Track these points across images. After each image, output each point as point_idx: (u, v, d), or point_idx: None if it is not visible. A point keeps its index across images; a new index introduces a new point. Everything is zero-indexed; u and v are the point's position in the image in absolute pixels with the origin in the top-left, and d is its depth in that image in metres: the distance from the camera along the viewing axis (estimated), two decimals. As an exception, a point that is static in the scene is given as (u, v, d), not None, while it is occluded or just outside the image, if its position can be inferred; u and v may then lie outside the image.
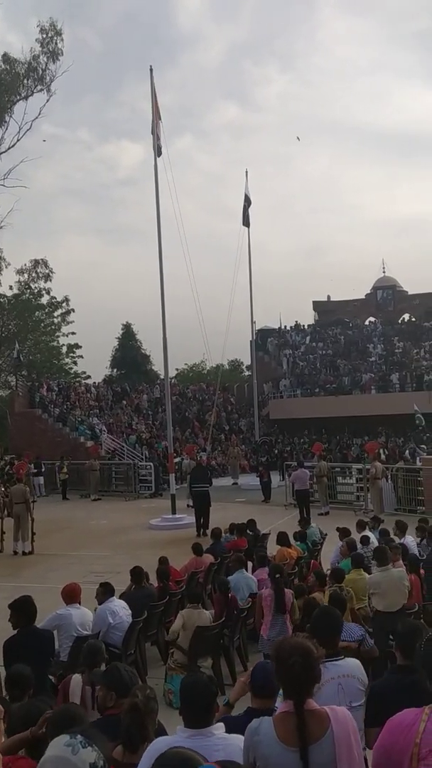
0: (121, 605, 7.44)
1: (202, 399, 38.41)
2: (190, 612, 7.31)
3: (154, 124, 19.10)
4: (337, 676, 3.60)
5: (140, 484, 25.02)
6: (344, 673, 3.63)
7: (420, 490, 18.27)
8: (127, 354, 48.15)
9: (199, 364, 58.77)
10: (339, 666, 3.65)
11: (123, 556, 13.54)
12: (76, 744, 2.08)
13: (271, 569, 7.37)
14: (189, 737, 2.91)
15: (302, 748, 2.49)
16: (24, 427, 29.44)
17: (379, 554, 7.56)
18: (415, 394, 32.42)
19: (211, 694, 2.96)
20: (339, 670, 3.62)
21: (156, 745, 2.88)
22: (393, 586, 7.05)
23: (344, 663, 3.69)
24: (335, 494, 20.78)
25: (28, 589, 8.76)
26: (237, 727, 3.12)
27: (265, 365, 40.29)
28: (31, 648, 5.31)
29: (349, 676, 3.64)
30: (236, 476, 27.52)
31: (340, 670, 3.62)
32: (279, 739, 2.53)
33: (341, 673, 3.62)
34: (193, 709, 2.92)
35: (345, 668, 3.66)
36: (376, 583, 7.15)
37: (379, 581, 7.12)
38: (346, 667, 3.67)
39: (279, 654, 2.64)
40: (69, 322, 46.28)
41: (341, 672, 3.62)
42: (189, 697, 2.96)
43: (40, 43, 35.61)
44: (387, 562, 7.26)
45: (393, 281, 46.25)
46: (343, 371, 38.06)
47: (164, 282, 19.04)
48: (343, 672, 3.63)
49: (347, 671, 3.65)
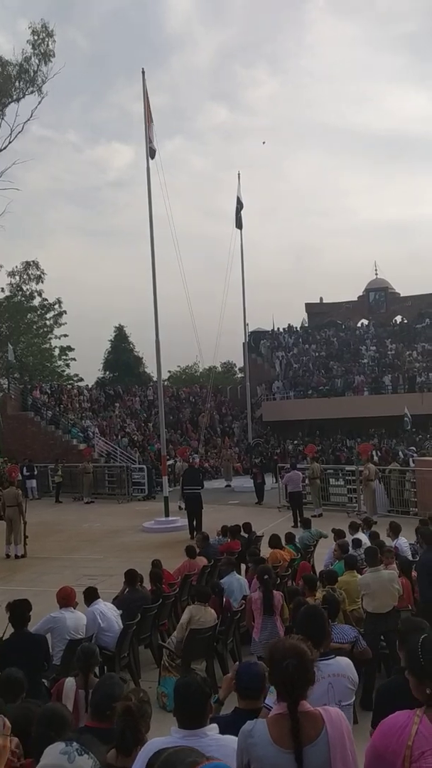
0: (109, 607, 7.44)
1: (195, 401, 38.41)
2: (198, 608, 7.31)
3: (147, 127, 19.09)
4: (328, 675, 3.60)
5: (133, 486, 25.00)
6: (335, 672, 3.64)
7: (413, 491, 18.32)
8: (120, 356, 48.14)
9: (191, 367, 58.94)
10: (330, 665, 3.65)
11: (116, 559, 13.52)
12: (72, 752, 2.08)
13: (259, 571, 7.36)
14: (182, 738, 2.91)
15: (297, 750, 2.49)
16: (16, 430, 29.35)
17: (369, 555, 7.56)
18: (407, 396, 32.54)
19: (205, 695, 2.95)
20: (329, 669, 3.63)
21: (149, 746, 2.88)
22: (382, 588, 7.05)
23: (335, 662, 3.69)
24: (328, 496, 20.81)
25: (20, 592, 8.76)
26: (224, 727, 3.13)
27: (258, 367, 40.36)
28: (22, 652, 5.30)
29: (339, 675, 3.64)
30: (229, 478, 27.52)
31: (330, 669, 3.63)
32: (273, 742, 2.53)
33: (332, 672, 3.62)
34: (186, 710, 2.92)
35: (336, 667, 3.66)
36: (366, 584, 7.15)
37: (369, 582, 7.13)
38: (337, 666, 3.68)
39: (273, 656, 2.64)
40: (61, 324, 46.26)
41: (332, 671, 3.63)
42: (183, 698, 2.95)
43: (32, 45, 35.54)
44: (377, 563, 7.27)
45: (385, 283, 46.43)
46: (335, 373, 38.15)
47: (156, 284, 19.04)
48: (334, 671, 3.63)
49: (337, 670, 3.66)
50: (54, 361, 48.92)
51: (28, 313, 44.80)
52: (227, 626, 7.87)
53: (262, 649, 6.22)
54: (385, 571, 7.26)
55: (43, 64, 35.82)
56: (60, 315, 45.66)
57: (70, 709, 4.49)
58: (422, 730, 2.36)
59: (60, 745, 2.06)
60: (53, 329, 46.45)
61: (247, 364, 36.00)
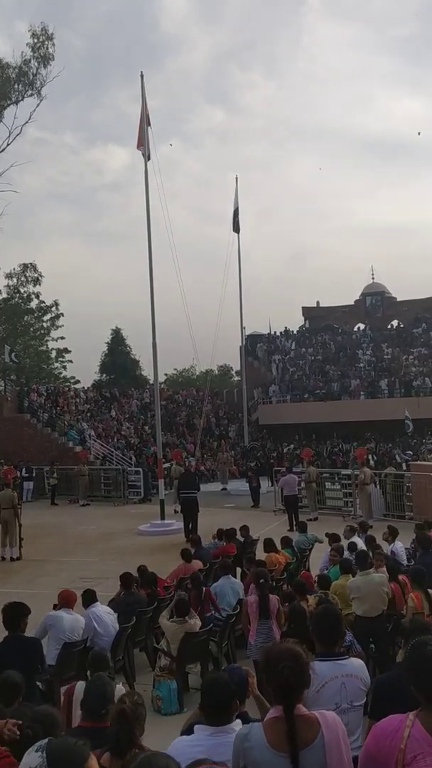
0: (105, 610, 7.45)
1: (192, 404, 38.41)
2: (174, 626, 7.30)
3: (144, 130, 19.10)
4: (341, 675, 3.63)
5: (129, 489, 24.97)
6: (348, 672, 3.67)
7: (408, 495, 18.35)
8: (117, 359, 48.12)
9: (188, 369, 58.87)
10: (343, 665, 3.68)
11: (111, 562, 13.51)
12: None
13: (254, 574, 7.37)
14: (210, 735, 2.95)
15: (293, 753, 2.50)
16: (12, 432, 29.30)
17: (360, 558, 7.58)
18: (403, 400, 32.60)
19: (232, 692, 2.97)
20: (343, 669, 3.66)
21: (175, 747, 2.92)
22: (372, 591, 7.06)
23: (348, 663, 3.73)
24: (324, 500, 20.82)
25: (15, 595, 8.76)
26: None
27: (255, 371, 40.38)
28: (16, 655, 5.29)
29: (352, 675, 3.68)
30: (225, 481, 27.51)
31: (344, 670, 3.66)
32: (269, 745, 2.54)
33: (345, 672, 3.65)
34: (214, 707, 2.94)
35: (349, 668, 3.70)
36: (356, 587, 7.16)
37: (360, 585, 7.13)
38: (350, 666, 3.71)
39: (269, 659, 2.65)
40: (58, 326, 46.23)
41: (345, 671, 3.66)
42: (210, 695, 2.97)
43: (32, 48, 35.61)
44: (368, 567, 7.29)
45: (382, 287, 46.51)
46: (332, 377, 38.18)
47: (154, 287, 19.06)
48: (347, 672, 3.67)
49: (351, 671, 3.69)
50: (51, 363, 48.89)
51: (26, 316, 44.78)
52: (222, 629, 7.89)
53: (258, 652, 6.23)
54: (375, 575, 7.28)
55: (42, 67, 35.94)
56: (57, 317, 45.67)
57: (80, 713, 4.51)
58: (414, 734, 2.37)
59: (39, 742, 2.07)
60: (50, 331, 46.48)
61: (243, 368, 36.05)
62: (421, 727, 2.38)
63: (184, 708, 6.80)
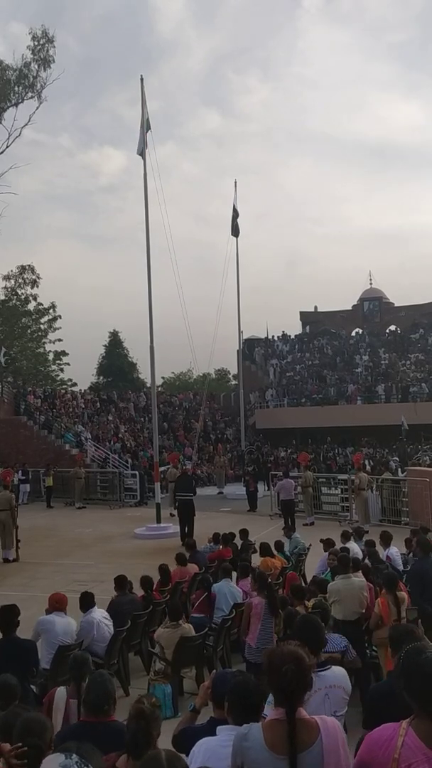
0: (103, 615, 7.43)
1: (189, 407, 38.39)
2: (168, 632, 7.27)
3: (143, 134, 19.11)
4: (324, 686, 3.63)
5: (125, 492, 24.95)
6: (331, 683, 3.67)
7: (404, 501, 18.36)
8: (114, 362, 48.11)
9: (186, 373, 58.90)
10: (326, 677, 3.67)
11: (107, 565, 13.48)
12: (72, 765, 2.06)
13: (259, 575, 7.37)
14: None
15: (291, 756, 2.50)
16: (9, 435, 29.26)
17: (341, 562, 7.58)
18: (400, 405, 32.64)
19: (261, 693, 2.96)
20: (326, 680, 3.66)
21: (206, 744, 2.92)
22: (351, 595, 7.07)
23: (330, 673, 3.72)
24: (320, 504, 20.82)
25: (11, 597, 8.74)
26: (198, 736, 3.15)
27: (252, 375, 40.40)
28: (11, 658, 5.29)
29: (335, 686, 3.68)
30: (222, 485, 27.50)
31: (326, 681, 3.66)
32: (267, 747, 2.54)
33: (328, 683, 3.65)
34: (242, 708, 2.93)
35: (332, 678, 3.70)
36: (336, 591, 7.16)
37: (339, 589, 7.14)
38: (333, 677, 3.71)
39: (272, 661, 2.65)
40: (56, 328, 46.20)
41: (328, 683, 3.66)
42: (239, 697, 2.96)
43: (32, 51, 35.65)
44: (347, 571, 7.30)
45: (379, 293, 46.61)
46: (329, 382, 38.22)
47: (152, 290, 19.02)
48: (330, 683, 3.67)
49: (333, 681, 3.69)
50: (48, 365, 48.85)
51: (23, 318, 44.75)
52: (217, 633, 7.87)
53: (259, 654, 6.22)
54: (355, 579, 7.28)
55: (42, 70, 35.99)
56: (54, 320, 45.66)
57: (60, 719, 4.50)
58: (408, 742, 2.37)
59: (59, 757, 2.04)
60: (47, 334, 46.47)
61: (240, 372, 35.98)
62: (414, 735, 2.38)
63: (178, 712, 6.79)
